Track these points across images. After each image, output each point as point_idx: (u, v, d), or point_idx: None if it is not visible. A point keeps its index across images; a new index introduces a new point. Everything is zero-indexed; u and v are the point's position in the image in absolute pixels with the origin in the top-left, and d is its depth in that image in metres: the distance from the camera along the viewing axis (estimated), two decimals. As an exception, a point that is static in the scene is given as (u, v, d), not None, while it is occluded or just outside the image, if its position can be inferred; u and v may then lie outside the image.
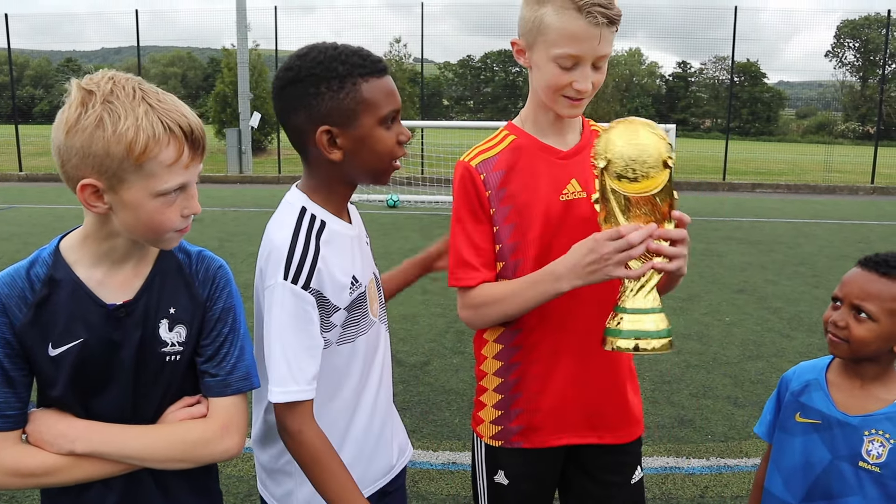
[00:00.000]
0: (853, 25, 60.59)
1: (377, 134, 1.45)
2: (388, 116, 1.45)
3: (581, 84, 1.58)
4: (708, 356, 5.17)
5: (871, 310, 1.63)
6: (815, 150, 27.77)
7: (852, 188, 18.32)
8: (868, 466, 1.64)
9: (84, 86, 1.21)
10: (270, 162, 21.44)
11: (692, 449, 3.73)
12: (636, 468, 1.84)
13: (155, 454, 1.32)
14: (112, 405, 1.33)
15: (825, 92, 72.73)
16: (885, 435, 1.64)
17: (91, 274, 1.31)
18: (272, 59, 22.49)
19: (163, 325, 1.35)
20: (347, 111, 1.42)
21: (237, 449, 1.39)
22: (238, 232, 10.12)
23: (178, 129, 1.23)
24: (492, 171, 1.70)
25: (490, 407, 1.80)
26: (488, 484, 1.82)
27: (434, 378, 4.60)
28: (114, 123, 1.18)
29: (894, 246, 9.87)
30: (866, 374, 1.70)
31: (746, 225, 11.26)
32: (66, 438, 1.28)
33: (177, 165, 1.24)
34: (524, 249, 1.68)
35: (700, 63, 64.44)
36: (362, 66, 1.42)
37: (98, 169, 1.20)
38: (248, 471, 3.40)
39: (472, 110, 67.47)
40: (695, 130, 54.84)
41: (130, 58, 34.27)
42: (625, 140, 1.43)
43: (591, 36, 1.53)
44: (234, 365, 1.40)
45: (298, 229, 1.45)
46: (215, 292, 1.41)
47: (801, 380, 1.81)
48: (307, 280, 1.41)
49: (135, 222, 1.26)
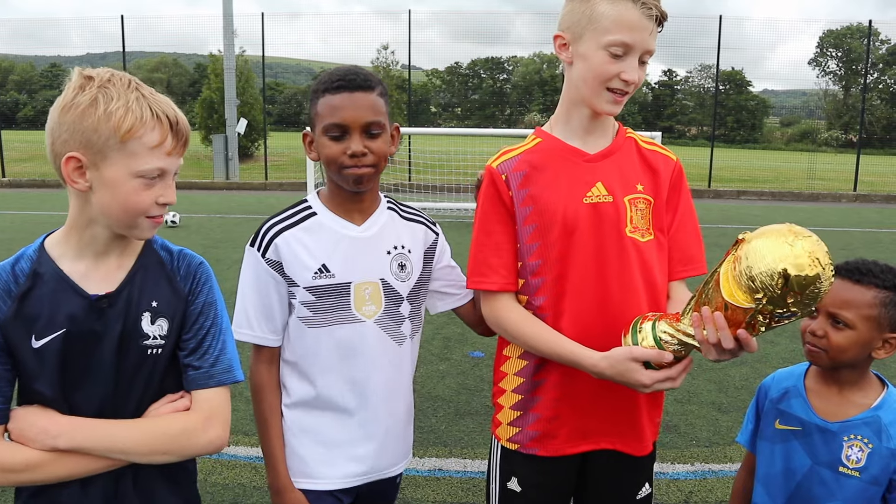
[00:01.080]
0: (836, 35, 61.40)
1: (322, 141, 1.68)
2: (328, 128, 1.65)
3: (629, 74, 1.59)
4: (693, 362, 5.19)
5: (848, 317, 1.64)
6: (799, 157, 28.08)
7: (835, 195, 18.53)
8: (848, 471, 1.66)
9: (84, 72, 1.30)
10: (257, 168, 21.35)
11: (677, 454, 3.75)
12: (644, 484, 1.83)
13: (139, 447, 1.33)
14: (94, 399, 1.34)
15: (809, 100, 73.59)
16: (864, 440, 1.65)
17: (75, 267, 1.35)
18: (259, 65, 22.44)
19: (145, 317, 1.37)
20: (312, 121, 1.72)
21: (221, 441, 1.40)
22: (224, 238, 10.07)
23: (164, 117, 1.31)
24: (512, 171, 1.70)
25: (508, 408, 1.79)
26: (500, 490, 1.82)
27: (420, 385, 4.59)
28: (106, 103, 1.26)
29: (876, 253, 9.99)
30: (844, 380, 1.72)
31: (731, 232, 11.42)
32: (48, 434, 1.28)
33: (159, 150, 1.30)
34: (545, 252, 1.68)
35: (686, 71, 65.11)
36: (325, 83, 1.67)
37: (85, 144, 1.27)
38: (234, 478, 3.37)
39: (460, 117, 67.60)
40: (681, 138, 55.24)
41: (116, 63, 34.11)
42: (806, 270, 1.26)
43: (644, 27, 1.57)
44: (216, 357, 1.42)
45: (283, 212, 1.75)
46: (196, 286, 1.44)
47: (780, 387, 1.82)
48: (265, 249, 1.69)
49: (111, 201, 1.30)
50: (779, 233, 1.30)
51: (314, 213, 1.74)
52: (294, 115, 59.58)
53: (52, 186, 17.62)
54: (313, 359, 1.71)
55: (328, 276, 1.68)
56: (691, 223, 1.77)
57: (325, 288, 1.68)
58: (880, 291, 1.64)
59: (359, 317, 1.69)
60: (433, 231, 1.88)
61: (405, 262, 1.77)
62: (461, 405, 4.32)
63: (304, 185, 13.98)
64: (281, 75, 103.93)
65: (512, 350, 1.78)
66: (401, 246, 1.77)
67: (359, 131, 1.64)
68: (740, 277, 1.32)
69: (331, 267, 1.68)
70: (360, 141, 1.64)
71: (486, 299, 1.76)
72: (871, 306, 1.63)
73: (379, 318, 1.71)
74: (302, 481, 1.74)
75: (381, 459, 1.78)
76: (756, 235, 1.33)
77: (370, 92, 1.66)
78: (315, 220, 1.72)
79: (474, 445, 3.80)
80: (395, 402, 1.78)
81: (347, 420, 1.73)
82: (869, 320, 1.64)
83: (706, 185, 19.33)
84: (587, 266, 1.65)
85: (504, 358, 1.80)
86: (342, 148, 1.65)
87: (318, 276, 1.67)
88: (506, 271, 1.71)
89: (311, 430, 1.73)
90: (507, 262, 1.71)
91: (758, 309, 1.31)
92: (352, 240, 1.71)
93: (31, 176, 18.92)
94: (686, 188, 1.78)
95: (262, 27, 20.43)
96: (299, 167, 20.42)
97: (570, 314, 1.66)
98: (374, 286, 1.71)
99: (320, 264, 1.68)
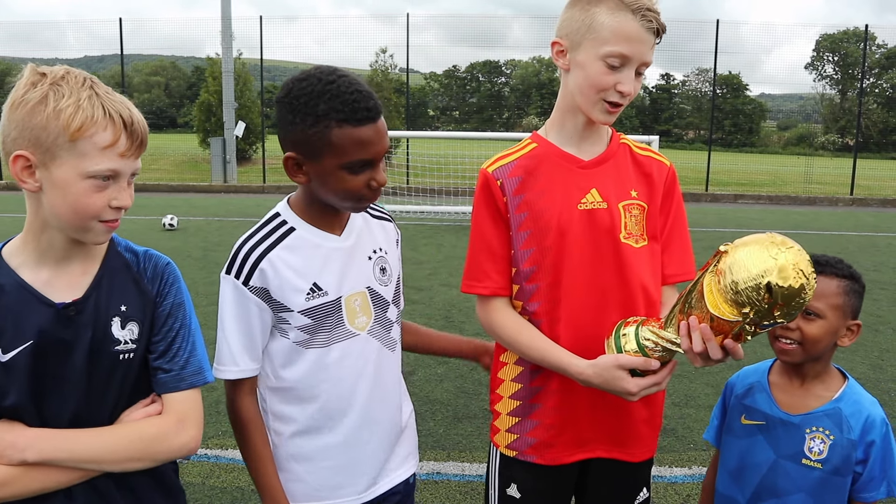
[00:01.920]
0: (832, 39, 61.60)
1: (339, 175, 1.49)
2: (354, 164, 1.48)
3: (625, 86, 1.58)
4: (690, 366, 5.17)
5: (819, 307, 1.70)
6: (796, 161, 28.13)
7: (832, 199, 18.57)
8: (811, 463, 1.71)
9: (37, 69, 1.26)
10: (255, 171, 21.34)
11: (674, 458, 3.75)
12: (641, 490, 1.83)
13: (110, 455, 1.29)
14: (66, 409, 1.30)
15: (805, 104, 73.81)
16: (826, 432, 1.71)
17: (36, 276, 1.30)
18: (257, 68, 22.45)
19: (115, 323, 1.33)
20: (314, 147, 1.48)
21: (195, 442, 1.37)
22: (222, 241, 10.07)
23: (117, 117, 1.25)
24: (508, 176, 1.70)
25: (505, 415, 1.79)
26: (500, 496, 1.81)
27: (419, 388, 4.59)
28: (56, 101, 1.21)
29: (872, 256, 10.00)
30: (807, 373, 1.77)
31: (729, 235, 11.44)
32: (15, 448, 1.24)
33: (111, 150, 1.25)
34: (539, 258, 1.67)
35: (683, 75, 65.25)
36: (341, 112, 1.44)
37: (34, 143, 1.22)
38: (232, 482, 3.36)
39: (458, 120, 67.65)
40: (678, 142, 55.35)
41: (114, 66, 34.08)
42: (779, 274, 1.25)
43: (642, 39, 1.57)
44: (186, 360, 1.39)
45: (257, 231, 1.58)
46: (164, 288, 1.41)
47: (745, 383, 1.87)
48: (247, 277, 1.54)
49: (60, 204, 1.25)
50: (761, 244, 1.29)
51: (292, 229, 1.59)
52: (292, 118, 58.97)
53: (50, 189, 17.59)
54: (312, 381, 1.60)
55: (321, 295, 1.57)
56: (683, 229, 1.78)
57: (320, 308, 1.57)
58: (842, 280, 1.73)
59: (353, 331, 1.61)
60: (395, 229, 1.81)
61: (385, 265, 1.70)
62: (459, 409, 4.31)
63: (301, 188, 13.96)
64: (279, 78, 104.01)
65: (508, 356, 1.78)
66: (378, 248, 1.70)
67: (381, 160, 1.54)
68: (726, 292, 1.31)
69: (322, 285, 1.57)
70: (382, 169, 1.54)
71: (479, 303, 1.77)
72: (837, 295, 1.71)
73: (371, 328, 1.64)
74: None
75: (389, 466, 1.74)
76: (738, 247, 1.32)
77: (381, 114, 1.51)
78: (295, 235, 1.58)
79: (472, 449, 3.80)
80: (394, 409, 1.74)
81: (350, 434, 1.64)
82: (836, 308, 1.71)
83: (703, 189, 19.37)
84: (581, 272, 1.65)
85: (500, 364, 1.80)
86: (364, 180, 1.51)
87: (311, 296, 1.56)
88: (499, 276, 1.72)
89: (313, 453, 1.64)
90: (500, 266, 1.72)
91: (744, 322, 1.32)
92: (335, 251, 1.61)
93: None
94: (679, 194, 1.79)
95: (260, 30, 20.46)
96: (297, 170, 20.38)
97: (565, 320, 1.67)
98: (363, 296, 1.63)
99: (311, 284, 1.56)
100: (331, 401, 1.62)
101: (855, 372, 5.08)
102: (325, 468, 1.64)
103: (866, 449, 1.69)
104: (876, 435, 1.69)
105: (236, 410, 1.62)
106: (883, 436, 1.70)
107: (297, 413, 1.63)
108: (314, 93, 1.45)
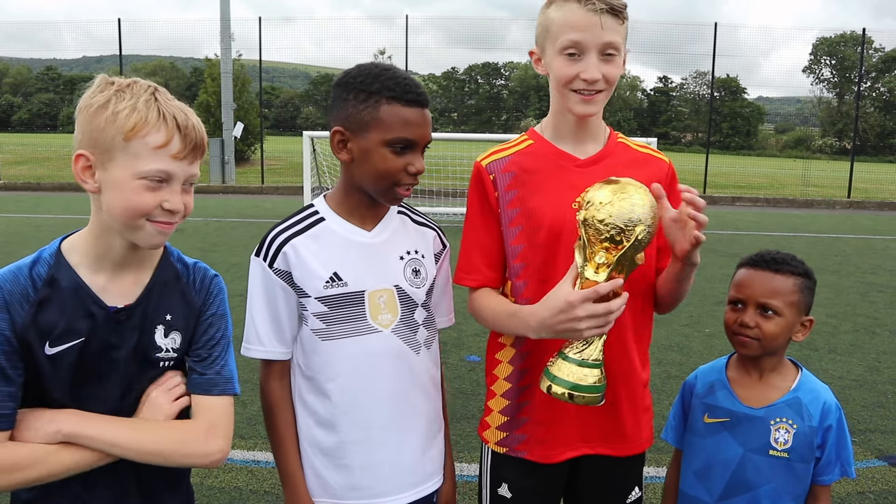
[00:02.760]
0: (829, 43, 61.76)
1: (381, 152, 1.56)
2: (396, 141, 1.55)
3: (588, 72, 1.59)
4: (688, 367, 5.21)
5: (777, 305, 1.74)
6: (794, 164, 28.23)
7: (829, 202, 18.62)
8: (777, 454, 1.75)
9: (108, 78, 1.33)
10: (253, 172, 21.34)
11: (667, 458, 3.73)
12: (634, 488, 1.83)
13: (136, 445, 1.32)
14: (101, 407, 1.34)
15: (803, 108, 73.98)
16: (789, 421, 1.75)
17: (94, 278, 1.35)
18: (255, 69, 22.46)
19: (158, 330, 1.39)
20: (361, 122, 1.56)
21: (221, 454, 1.39)
22: (220, 242, 10.06)
23: (171, 119, 1.30)
24: (501, 171, 1.72)
25: (497, 412, 1.80)
26: (491, 496, 1.82)
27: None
28: (116, 105, 1.28)
29: (869, 259, 10.02)
30: (764, 366, 1.81)
31: (726, 238, 11.37)
32: (51, 421, 1.28)
33: (163, 151, 1.29)
34: (529, 254, 1.68)
35: (681, 78, 65.45)
36: (392, 90, 1.55)
37: (94, 143, 1.29)
38: (230, 482, 3.37)
39: (456, 122, 67.71)
40: (676, 144, 55.45)
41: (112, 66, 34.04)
42: (617, 204, 1.43)
43: (590, 23, 1.57)
44: (220, 368, 1.44)
45: (289, 219, 1.67)
46: (209, 298, 1.46)
47: (705, 382, 1.89)
48: (272, 259, 1.62)
49: (115, 204, 1.30)
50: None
51: (322, 219, 1.66)
52: (290, 120, 59.47)
53: (48, 189, 17.59)
54: (330, 373, 1.62)
55: (341, 285, 1.60)
56: None
57: (338, 297, 1.60)
58: (797, 278, 1.77)
59: (375, 327, 1.62)
60: (442, 242, 1.82)
61: (419, 267, 1.71)
62: (457, 409, 4.31)
63: (300, 188, 13.98)
64: (277, 79, 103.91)
65: (502, 354, 1.79)
66: (414, 251, 1.71)
67: (421, 149, 1.60)
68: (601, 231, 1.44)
69: (343, 275, 1.61)
70: (421, 158, 1.60)
71: (470, 294, 1.80)
72: (793, 292, 1.76)
73: (396, 327, 1.64)
74: (325, 501, 1.67)
75: (409, 479, 1.69)
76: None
77: (428, 104, 1.62)
78: (323, 225, 1.65)
79: (469, 449, 3.80)
80: (414, 415, 1.70)
81: (366, 436, 1.64)
82: (792, 306, 1.76)
83: (701, 191, 19.40)
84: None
85: (495, 362, 1.82)
86: (404, 163, 1.57)
87: (330, 284, 1.60)
88: (487, 269, 1.75)
89: (332, 449, 1.65)
90: (490, 260, 1.75)
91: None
92: (362, 246, 1.64)
93: (27, 179, 18.88)
94: (678, 191, 1.78)
95: (259, 31, 20.46)
96: (295, 171, 20.42)
97: None
98: (389, 293, 1.64)
99: (332, 272, 1.60)
100: (345, 394, 1.62)
101: (852, 374, 5.09)
102: (343, 466, 1.65)
103: (824, 434, 1.76)
104: (832, 419, 1.76)
105: (264, 393, 1.68)
106: (838, 420, 1.77)
107: (318, 404, 1.65)
108: (371, 74, 1.57)
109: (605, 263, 1.45)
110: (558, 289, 1.51)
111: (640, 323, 1.75)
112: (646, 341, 1.79)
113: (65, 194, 16.49)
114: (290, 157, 25.00)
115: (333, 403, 1.63)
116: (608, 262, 1.45)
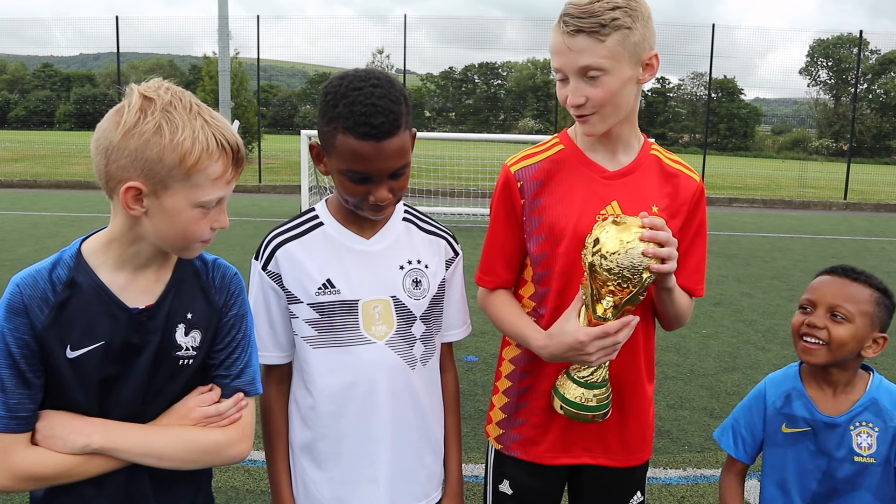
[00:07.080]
0: (826, 45, 61.89)
1: (340, 178, 1.51)
2: (350, 173, 1.47)
3: (572, 98, 1.58)
4: (685, 368, 5.22)
5: (849, 310, 1.70)
6: (790, 165, 28.29)
7: (826, 204, 18.64)
8: (863, 459, 1.71)
9: (143, 92, 1.25)
10: (251, 171, 21.28)
11: (669, 459, 3.76)
12: (635, 493, 1.83)
13: (171, 453, 1.33)
14: (123, 408, 1.34)
15: (800, 109, 74.14)
16: (870, 425, 1.72)
17: (114, 278, 1.33)
18: (252, 67, 22.43)
19: (179, 329, 1.37)
20: (326, 143, 1.51)
21: (246, 454, 1.42)
22: (217, 241, 9.93)
23: (227, 146, 1.28)
24: (529, 179, 1.71)
25: (498, 409, 1.83)
26: (493, 492, 1.85)
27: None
28: (172, 132, 1.22)
29: (865, 261, 10.04)
30: (838, 381, 1.76)
31: (723, 239, 11.42)
32: (80, 433, 1.28)
33: (221, 180, 1.29)
34: (551, 262, 1.68)
35: (678, 79, 65.40)
36: (348, 120, 1.43)
37: (147, 173, 1.23)
38: (226, 481, 3.36)
39: (454, 122, 67.69)
40: (673, 145, 55.49)
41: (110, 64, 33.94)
42: (620, 248, 1.45)
43: (568, 46, 1.54)
44: (242, 369, 1.44)
45: (288, 222, 1.65)
46: (230, 299, 1.45)
47: (778, 392, 1.83)
48: (266, 262, 1.61)
49: (168, 229, 1.28)
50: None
51: (320, 224, 1.62)
52: (288, 118, 59.32)
53: (44, 186, 17.54)
54: (320, 383, 1.58)
55: (333, 293, 1.56)
56: (702, 245, 1.78)
57: (330, 305, 1.56)
58: (874, 291, 1.73)
59: (368, 338, 1.57)
60: (454, 250, 1.74)
61: (420, 278, 1.63)
62: (453, 409, 4.31)
63: (297, 188, 13.97)
64: (275, 78, 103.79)
65: (507, 352, 1.82)
66: (416, 261, 1.64)
67: (385, 178, 1.49)
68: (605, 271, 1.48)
69: (336, 282, 1.56)
70: (384, 187, 1.49)
71: (485, 293, 1.82)
72: (868, 302, 1.71)
73: (390, 340, 1.58)
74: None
75: (398, 496, 1.63)
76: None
77: (398, 133, 1.45)
78: (321, 230, 1.61)
79: (468, 450, 3.80)
80: (408, 431, 1.63)
81: (355, 451, 1.60)
82: (866, 316, 1.70)
83: (698, 192, 19.39)
84: None
85: (501, 360, 1.85)
86: (364, 190, 1.49)
87: (323, 291, 1.56)
88: (504, 272, 1.77)
89: (321, 459, 1.62)
90: (509, 263, 1.77)
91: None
92: (358, 253, 1.59)
93: (23, 176, 18.82)
94: (704, 211, 1.77)
95: (257, 30, 20.44)
96: (293, 170, 20.40)
97: None
98: (385, 304, 1.58)
99: (325, 279, 1.56)
100: (335, 404, 1.58)
101: (848, 375, 5.07)
102: (331, 478, 1.62)
103: None
104: None
105: (262, 398, 1.64)
106: None
107: (309, 412, 1.62)
108: (338, 94, 1.46)
109: (613, 305, 1.50)
110: (567, 324, 1.55)
111: (648, 336, 1.76)
112: (652, 355, 1.80)
113: (61, 192, 16.44)
114: (287, 155, 24.97)
115: (323, 413, 1.60)
116: (616, 304, 1.50)
